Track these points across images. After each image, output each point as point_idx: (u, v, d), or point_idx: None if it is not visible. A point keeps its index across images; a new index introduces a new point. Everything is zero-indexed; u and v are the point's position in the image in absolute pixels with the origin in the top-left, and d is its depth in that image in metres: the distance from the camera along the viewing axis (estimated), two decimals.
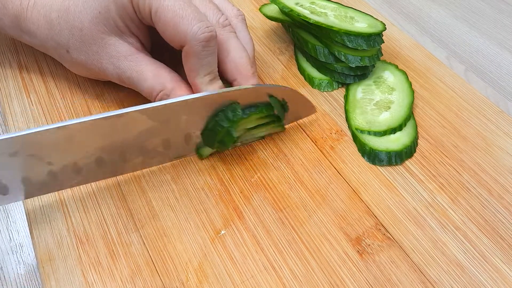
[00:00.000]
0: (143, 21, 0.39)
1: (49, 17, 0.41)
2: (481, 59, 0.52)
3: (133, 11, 0.38)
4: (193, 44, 0.36)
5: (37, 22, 0.41)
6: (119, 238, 0.35)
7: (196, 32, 0.36)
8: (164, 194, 0.38)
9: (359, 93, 0.46)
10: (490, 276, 0.34)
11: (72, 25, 0.40)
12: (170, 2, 0.37)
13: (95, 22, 0.39)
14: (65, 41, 0.41)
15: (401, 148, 0.41)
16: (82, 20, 0.40)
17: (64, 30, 0.41)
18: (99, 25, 0.39)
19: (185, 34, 0.36)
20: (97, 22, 0.39)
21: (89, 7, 0.39)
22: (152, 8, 0.37)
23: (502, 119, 0.45)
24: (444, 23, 0.57)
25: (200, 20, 0.37)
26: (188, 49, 0.37)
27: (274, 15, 0.50)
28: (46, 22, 0.41)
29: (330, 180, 0.39)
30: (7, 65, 0.47)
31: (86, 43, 0.40)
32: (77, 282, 0.33)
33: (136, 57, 0.40)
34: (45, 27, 0.41)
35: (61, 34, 0.41)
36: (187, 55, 0.38)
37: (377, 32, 0.45)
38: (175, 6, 0.37)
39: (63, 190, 0.37)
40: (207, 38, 0.37)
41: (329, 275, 0.34)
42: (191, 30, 0.36)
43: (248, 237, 0.36)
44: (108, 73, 0.41)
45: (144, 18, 0.39)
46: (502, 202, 0.39)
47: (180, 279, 0.33)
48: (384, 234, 0.36)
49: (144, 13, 0.38)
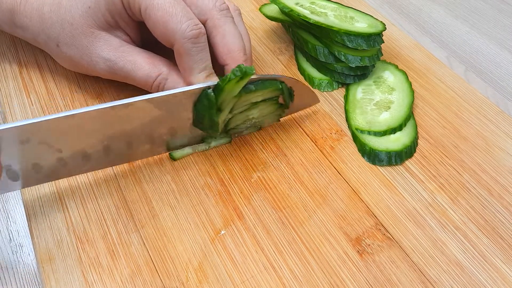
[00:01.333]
0: (133, 17, 0.40)
1: (42, 11, 0.41)
2: (481, 59, 0.52)
3: (123, 7, 0.39)
4: (183, 42, 0.37)
5: (30, 16, 0.42)
6: (119, 238, 0.35)
7: (185, 30, 0.37)
8: (164, 194, 0.38)
9: (359, 93, 0.46)
10: (490, 276, 0.34)
11: (63, 19, 0.41)
12: (160, 0, 0.37)
13: (85, 16, 0.40)
14: (55, 35, 0.42)
15: (401, 148, 0.41)
16: (73, 15, 0.40)
17: (55, 24, 0.41)
18: (88, 20, 0.40)
19: (174, 32, 0.37)
20: (87, 17, 0.40)
21: (80, 2, 0.40)
22: (141, 6, 0.38)
23: (502, 119, 0.45)
24: (444, 23, 0.57)
25: (189, 18, 0.37)
26: (179, 48, 0.38)
27: (274, 15, 0.50)
28: (38, 16, 0.42)
29: (330, 180, 0.39)
30: (7, 65, 0.47)
31: (76, 37, 0.41)
32: (77, 282, 0.33)
33: (127, 47, 0.41)
34: (37, 20, 0.42)
35: (52, 28, 0.41)
36: (179, 54, 0.38)
37: (377, 32, 0.45)
38: (164, 4, 0.37)
39: (72, 176, 0.38)
40: (195, 35, 0.37)
41: (329, 275, 0.34)
42: (180, 28, 0.37)
43: (248, 237, 0.36)
44: (98, 67, 0.41)
45: (134, 15, 0.40)
46: (502, 202, 0.39)
47: (180, 279, 0.33)
48: (384, 234, 0.36)
49: (134, 10, 0.39)
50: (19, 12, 0.42)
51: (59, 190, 0.38)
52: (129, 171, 0.39)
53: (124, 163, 0.39)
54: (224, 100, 0.37)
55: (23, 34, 0.44)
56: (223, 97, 0.37)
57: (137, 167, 0.40)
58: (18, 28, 0.43)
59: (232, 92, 0.37)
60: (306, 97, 0.44)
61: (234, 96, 0.37)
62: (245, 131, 0.42)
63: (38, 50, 0.48)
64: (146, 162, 0.40)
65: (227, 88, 0.36)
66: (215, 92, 0.37)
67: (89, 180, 0.39)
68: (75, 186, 0.38)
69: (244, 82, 0.37)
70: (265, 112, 0.41)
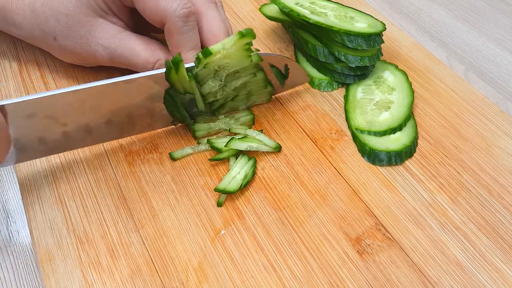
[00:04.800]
0: (124, 2, 0.42)
1: (34, 7, 0.42)
2: (481, 59, 0.52)
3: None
4: (173, 20, 0.39)
5: (23, 13, 0.42)
6: (119, 238, 0.35)
7: (175, 9, 0.38)
8: (164, 194, 0.38)
9: (359, 93, 0.46)
10: (490, 276, 0.34)
11: (58, 11, 0.41)
12: None
13: (79, 5, 0.41)
14: (51, 28, 0.42)
15: (401, 148, 0.41)
16: (67, 5, 0.41)
17: (50, 18, 0.41)
18: (83, 8, 0.41)
19: (165, 10, 0.39)
20: (81, 6, 0.41)
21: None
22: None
23: (502, 119, 0.45)
24: (444, 23, 0.57)
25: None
26: (170, 26, 0.39)
27: (274, 15, 0.50)
28: (31, 12, 0.42)
29: (330, 180, 0.39)
30: (7, 65, 0.47)
31: (72, 28, 0.41)
32: (77, 282, 0.33)
33: (124, 34, 0.42)
34: (30, 17, 0.42)
35: (46, 22, 0.42)
36: (169, 32, 0.40)
37: (377, 32, 0.45)
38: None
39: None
40: (186, 14, 0.39)
41: (329, 275, 0.34)
42: (170, 7, 0.38)
43: (248, 237, 0.36)
44: (98, 55, 0.42)
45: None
46: (502, 202, 0.39)
47: (180, 279, 0.33)
48: (384, 234, 0.36)
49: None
50: (11, 10, 0.42)
51: (59, 190, 0.38)
52: (129, 171, 0.39)
53: (125, 137, 0.41)
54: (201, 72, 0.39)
55: (17, 32, 0.44)
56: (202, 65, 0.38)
57: (137, 167, 0.40)
58: (11, 27, 0.44)
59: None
60: (298, 75, 0.45)
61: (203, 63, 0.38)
62: (237, 108, 0.43)
63: (38, 49, 0.48)
64: (146, 162, 0.40)
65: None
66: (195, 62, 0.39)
67: (89, 180, 0.39)
68: (75, 186, 0.38)
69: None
70: (253, 90, 0.42)
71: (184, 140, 0.42)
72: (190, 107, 0.41)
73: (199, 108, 0.41)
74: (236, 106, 0.43)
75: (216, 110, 0.42)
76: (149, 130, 0.42)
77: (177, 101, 0.39)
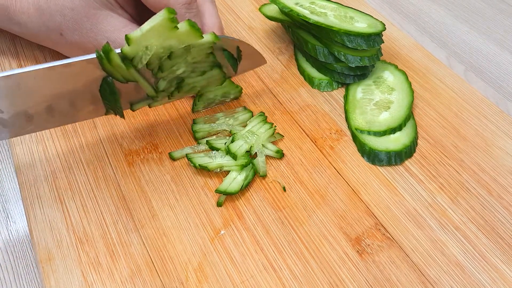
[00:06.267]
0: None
1: (38, 4, 0.42)
2: (481, 59, 0.52)
3: None
4: (177, 6, 0.40)
5: (27, 12, 0.42)
6: (119, 238, 0.35)
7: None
8: (164, 194, 0.38)
9: (359, 93, 0.46)
10: (490, 276, 0.34)
11: (63, 6, 0.41)
12: None
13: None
14: (57, 24, 0.42)
15: (401, 148, 0.41)
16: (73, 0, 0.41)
17: (55, 13, 0.41)
18: (89, 1, 0.41)
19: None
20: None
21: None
22: None
23: (502, 119, 0.45)
24: (444, 23, 0.57)
25: None
26: None
27: (274, 15, 0.50)
28: (36, 10, 0.42)
29: (330, 180, 0.39)
30: (7, 65, 0.47)
31: (79, 21, 0.41)
32: (76, 282, 0.33)
33: (130, 28, 0.42)
34: (35, 15, 0.42)
35: (52, 19, 0.42)
36: None
37: (377, 32, 0.45)
38: None
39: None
40: (188, 1, 0.40)
41: (329, 275, 0.34)
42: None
43: (247, 237, 0.36)
44: None
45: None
46: (502, 202, 0.39)
47: (179, 279, 0.33)
48: (384, 234, 0.36)
49: None
50: (15, 9, 0.42)
51: (59, 190, 0.38)
52: (129, 171, 0.39)
53: (69, 123, 0.39)
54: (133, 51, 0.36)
55: (20, 30, 0.44)
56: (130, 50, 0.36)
57: (137, 167, 0.40)
58: (14, 25, 0.43)
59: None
60: (252, 58, 0.44)
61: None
62: (195, 90, 0.41)
63: (37, 47, 0.48)
64: (146, 162, 0.40)
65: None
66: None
67: (89, 180, 0.39)
68: (75, 186, 0.38)
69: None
70: (202, 73, 0.40)
71: (184, 140, 0.42)
72: (136, 94, 0.39)
73: (149, 94, 0.39)
74: (193, 87, 0.41)
75: (171, 95, 0.40)
76: (95, 117, 0.39)
77: (115, 91, 0.37)
